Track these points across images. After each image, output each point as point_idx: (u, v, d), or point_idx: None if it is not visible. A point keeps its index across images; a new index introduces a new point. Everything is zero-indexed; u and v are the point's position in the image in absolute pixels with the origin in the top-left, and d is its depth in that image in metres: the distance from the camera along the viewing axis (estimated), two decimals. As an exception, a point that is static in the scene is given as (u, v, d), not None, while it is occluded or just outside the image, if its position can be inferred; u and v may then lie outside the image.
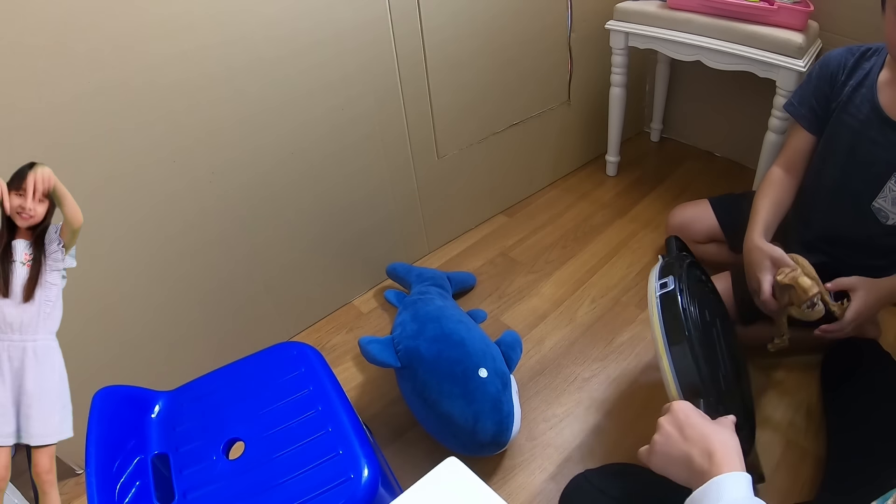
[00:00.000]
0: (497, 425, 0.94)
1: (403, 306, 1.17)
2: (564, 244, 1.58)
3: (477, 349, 1.02)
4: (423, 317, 1.09)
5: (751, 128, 1.58)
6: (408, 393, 1.03)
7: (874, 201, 0.95)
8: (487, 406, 0.95)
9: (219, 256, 1.11)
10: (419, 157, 1.39)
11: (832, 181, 1.02)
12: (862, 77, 0.95)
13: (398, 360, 1.02)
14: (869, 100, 0.93)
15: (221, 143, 1.02)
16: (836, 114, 0.99)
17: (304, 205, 1.21)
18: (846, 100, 0.97)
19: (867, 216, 0.97)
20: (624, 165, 1.87)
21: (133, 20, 0.84)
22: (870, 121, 0.93)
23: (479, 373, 0.98)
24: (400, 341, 1.05)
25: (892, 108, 0.90)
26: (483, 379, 0.97)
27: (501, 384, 0.99)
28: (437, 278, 1.32)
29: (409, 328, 1.06)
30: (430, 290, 1.24)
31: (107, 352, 1.02)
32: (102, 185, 0.91)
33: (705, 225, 1.34)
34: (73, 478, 1.10)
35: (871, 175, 0.94)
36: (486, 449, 0.96)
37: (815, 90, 1.02)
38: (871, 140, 0.93)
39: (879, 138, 0.92)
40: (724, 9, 1.32)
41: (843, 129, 0.97)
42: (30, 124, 0.80)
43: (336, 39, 1.09)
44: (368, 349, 1.03)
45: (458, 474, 0.53)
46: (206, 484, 0.68)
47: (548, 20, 1.51)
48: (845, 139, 0.97)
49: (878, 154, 0.92)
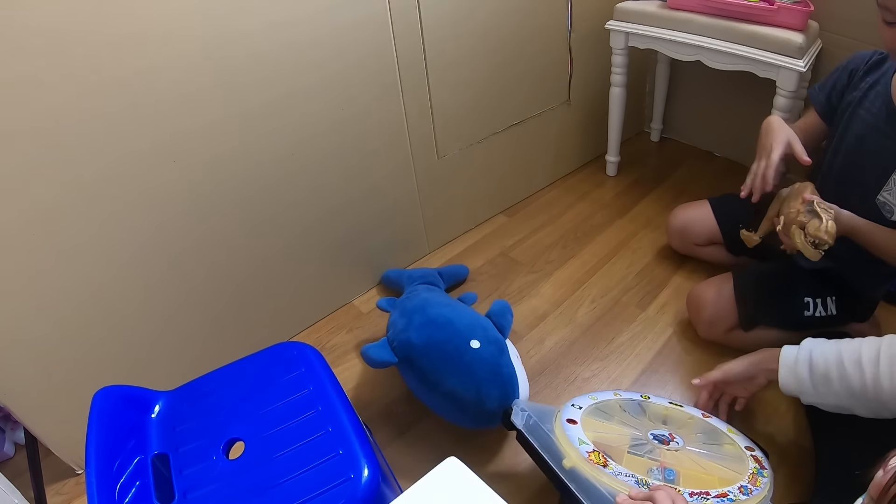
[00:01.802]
0: (501, 389, 0.96)
1: (393, 308, 1.19)
2: (564, 244, 1.58)
3: (465, 324, 1.04)
4: (410, 310, 1.11)
5: (751, 128, 1.57)
6: (413, 385, 1.05)
7: (879, 194, 0.96)
8: (487, 374, 0.97)
9: (219, 256, 1.11)
10: (419, 157, 1.39)
11: (840, 173, 1.04)
12: (879, 76, 0.97)
13: (395, 356, 1.04)
14: (883, 95, 0.95)
15: (221, 143, 1.02)
16: (852, 108, 1.00)
17: (304, 204, 1.21)
18: (862, 95, 0.99)
19: (872, 210, 0.98)
20: (624, 165, 1.87)
21: (133, 20, 0.84)
22: (881, 115, 0.95)
23: (472, 345, 1.00)
24: (394, 338, 1.06)
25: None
26: (476, 350, 0.99)
27: (497, 350, 1.01)
28: (427, 276, 1.34)
29: (399, 324, 1.08)
30: (417, 288, 1.26)
31: (107, 352, 1.02)
32: (102, 185, 0.91)
33: (706, 228, 1.34)
34: (73, 478, 1.10)
35: (878, 168, 0.96)
36: (496, 415, 0.97)
37: (836, 81, 1.05)
38: (880, 132, 0.95)
39: (889, 131, 0.93)
40: (724, 9, 1.32)
41: (856, 122, 1.00)
42: (30, 124, 0.80)
43: (336, 39, 1.09)
44: (368, 354, 1.05)
45: (458, 474, 0.53)
46: (206, 484, 0.68)
47: (548, 20, 1.51)
48: (857, 132, 0.99)
49: (886, 146, 0.94)
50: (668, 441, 0.87)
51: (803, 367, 0.85)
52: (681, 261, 1.47)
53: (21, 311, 0.90)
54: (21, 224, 0.85)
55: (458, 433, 1.10)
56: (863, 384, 0.78)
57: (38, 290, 0.90)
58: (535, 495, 1.00)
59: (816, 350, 0.85)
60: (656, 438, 0.87)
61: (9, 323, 0.89)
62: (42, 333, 0.93)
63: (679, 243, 1.43)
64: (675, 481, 0.77)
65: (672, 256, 1.49)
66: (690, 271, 1.43)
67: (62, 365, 0.98)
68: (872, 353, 0.78)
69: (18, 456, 1.17)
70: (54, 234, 0.89)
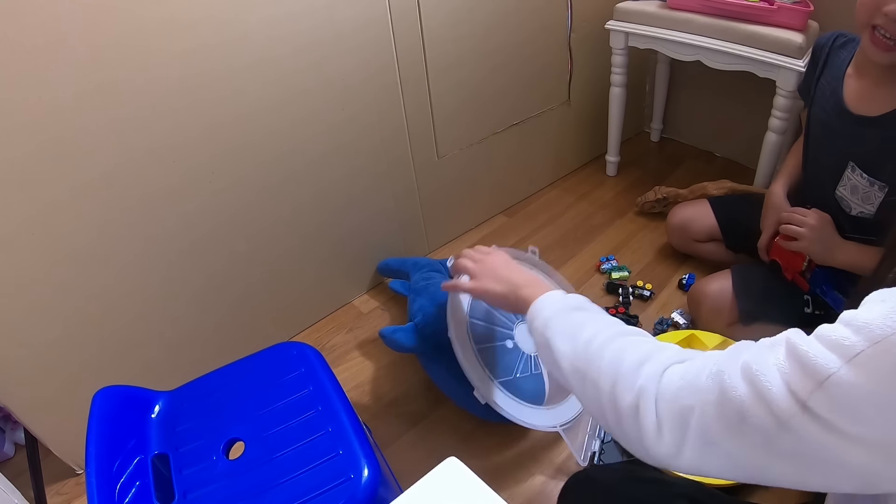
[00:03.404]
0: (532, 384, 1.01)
1: (415, 293, 1.19)
2: (564, 244, 1.58)
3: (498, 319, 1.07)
4: (443, 299, 1.11)
5: (751, 128, 1.59)
6: (440, 374, 1.07)
7: (836, 189, 0.99)
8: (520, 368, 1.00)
9: (219, 256, 1.11)
10: (419, 157, 1.39)
11: (807, 171, 1.08)
12: (833, 69, 0.99)
13: (427, 344, 1.04)
14: (834, 91, 0.97)
15: (221, 142, 1.02)
16: (812, 105, 1.05)
17: (304, 204, 1.21)
18: (819, 91, 1.02)
19: (832, 206, 1.01)
20: (624, 165, 1.87)
21: (133, 19, 0.84)
22: (833, 112, 0.97)
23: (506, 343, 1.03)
24: (425, 325, 1.06)
25: (852, 100, 0.94)
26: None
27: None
28: (434, 264, 1.34)
29: (432, 312, 1.08)
30: (432, 275, 1.26)
31: (107, 352, 1.02)
32: (102, 185, 0.91)
33: (705, 224, 1.35)
34: (73, 478, 1.10)
35: (833, 164, 0.98)
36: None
37: (807, 72, 1.10)
38: (832, 129, 0.97)
39: (839, 128, 0.96)
40: (724, 9, 1.32)
41: (814, 121, 1.03)
42: (30, 124, 0.80)
43: (336, 39, 1.09)
44: (395, 338, 1.05)
45: (458, 474, 0.53)
46: (206, 484, 0.69)
47: (548, 20, 1.51)
48: (815, 131, 1.03)
49: (837, 144, 0.97)
50: None
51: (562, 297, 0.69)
52: (681, 261, 1.47)
53: (21, 311, 0.90)
54: (21, 224, 0.85)
55: (458, 433, 1.11)
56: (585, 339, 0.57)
57: (39, 291, 0.90)
58: (535, 495, 0.99)
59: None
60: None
61: (9, 323, 0.89)
62: (42, 333, 0.93)
63: (678, 240, 1.44)
64: None
65: (672, 256, 1.49)
66: (691, 270, 1.43)
67: (62, 365, 0.98)
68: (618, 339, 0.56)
69: (18, 456, 1.17)
70: (55, 234, 0.89)
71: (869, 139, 0.91)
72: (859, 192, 0.95)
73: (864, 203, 0.95)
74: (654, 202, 1.61)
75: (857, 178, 0.94)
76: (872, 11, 0.80)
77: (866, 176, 0.92)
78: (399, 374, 1.24)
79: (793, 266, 1.07)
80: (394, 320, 1.38)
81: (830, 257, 0.99)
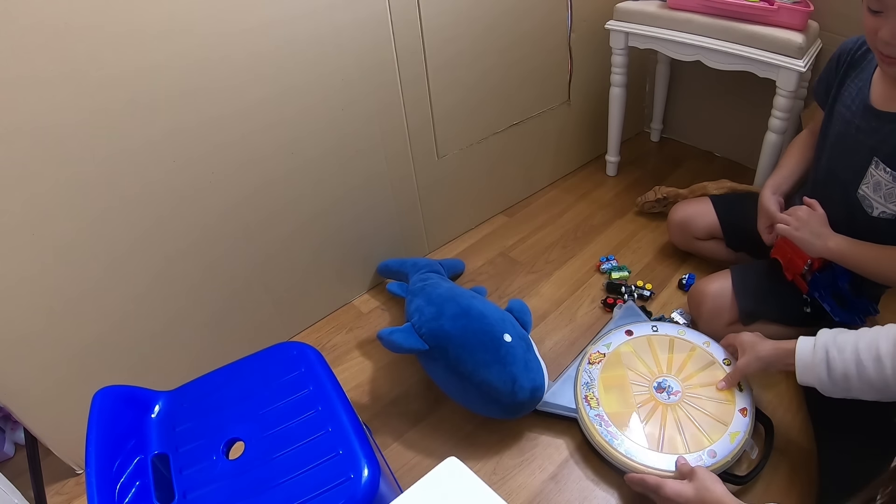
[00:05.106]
0: (532, 382, 1.03)
1: (412, 294, 1.19)
2: (564, 244, 1.58)
3: (496, 318, 1.09)
4: (438, 299, 1.12)
5: (751, 128, 1.59)
6: (439, 373, 1.07)
7: (859, 188, 0.98)
8: (520, 366, 1.03)
9: (219, 256, 1.11)
10: (419, 157, 1.39)
11: (824, 171, 1.07)
12: (860, 71, 0.99)
13: (425, 344, 1.05)
14: (861, 91, 0.97)
15: (221, 143, 1.02)
16: (833, 104, 1.04)
17: (304, 204, 1.21)
18: (844, 90, 1.01)
19: (854, 205, 1.00)
20: (624, 165, 1.87)
21: (133, 19, 0.84)
22: (858, 110, 0.97)
23: (505, 338, 1.05)
24: (421, 325, 1.07)
25: (878, 99, 0.94)
26: (510, 343, 1.05)
27: (525, 345, 1.07)
28: (432, 265, 1.35)
29: (428, 312, 1.09)
30: (430, 276, 1.27)
31: (107, 352, 1.02)
32: (101, 185, 0.91)
33: (706, 222, 1.35)
34: (73, 478, 1.10)
35: (856, 162, 0.98)
36: (525, 406, 1.04)
37: (826, 73, 1.08)
38: (856, 127, 0.97)
39: (863, 125, 0.96)
40: (724, 9, 1.32)
41: (836, 118, 1.02)
42: (30, 124, 0.80)
43: (336, 39, 1.09)
44: (392, 339, 1.05)
45: (458, 474, 0.53)
46: (206, 484, 0.69)
47: (548, 20, 1.51)
48: (837, 129, 1.02)
49: (861, 141, 0.96)
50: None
51: (821, 368, 0.84)
52: (681, 260, 1.47)
53: (20, 311, 0.90)
54: (19, 222, 0.85)
55: (458, 433, 1.11)
56: (883, 379, 0.78)
57: (38, 290, 0.90)
58: (535, 495, 1.00)
59: (833, 348, 0.84)
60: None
61: (8, 322, 0.89)
62: (42, 333, 0.93)
63: (679, 238, 1.44)
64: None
65: (672, 256, 1.49)
66: (690, 270, 1.43)
67: (62, 365, 0.98)
68: (891, 347, 0.78)
69: (18, 456, 1.17)
70: (53, 232, 0.89)
71: (894, 134, 0.92)
72: (882, 188, 0.94)
73: (886, 202, 0.95)
74: (654, 202, 1.61)
75: (881, 173, 0.93)
76: (872, 36, 0.85)
77: (889, 170, 0.92)
78: (399, 374, 1.24)
79: (793, 267, 1.07)
80: (394, 320, 1.39)
81: (822, 245, 1.00)
